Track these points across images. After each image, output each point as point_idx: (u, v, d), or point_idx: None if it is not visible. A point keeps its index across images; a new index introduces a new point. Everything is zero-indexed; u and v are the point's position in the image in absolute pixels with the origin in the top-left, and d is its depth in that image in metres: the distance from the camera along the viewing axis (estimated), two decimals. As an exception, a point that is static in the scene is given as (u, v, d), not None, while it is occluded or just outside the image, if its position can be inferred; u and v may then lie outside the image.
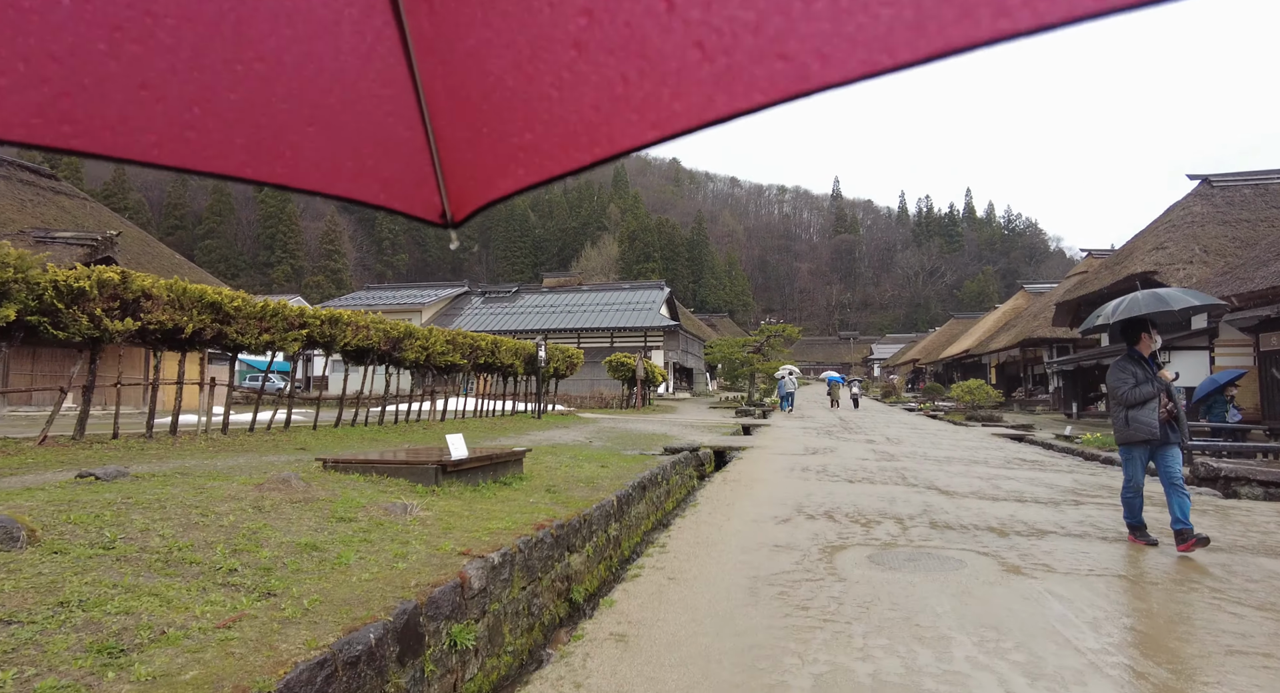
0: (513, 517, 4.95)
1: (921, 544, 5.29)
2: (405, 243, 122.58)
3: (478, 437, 12.30)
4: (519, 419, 16.94)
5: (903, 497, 7.69)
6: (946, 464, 11.16)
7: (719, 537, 5.62)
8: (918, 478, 9.32)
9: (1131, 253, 22.60)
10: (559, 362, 19.43)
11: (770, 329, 34.82)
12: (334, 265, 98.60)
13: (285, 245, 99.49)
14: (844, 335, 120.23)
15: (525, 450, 7.15)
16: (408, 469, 5.76)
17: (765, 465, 10.69)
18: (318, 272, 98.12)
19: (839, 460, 11.35)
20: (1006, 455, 12.99)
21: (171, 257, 29.88)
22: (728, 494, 7.84)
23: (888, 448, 13.72)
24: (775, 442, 14.94)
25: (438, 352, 13.19)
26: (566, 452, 9.60)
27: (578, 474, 7.46)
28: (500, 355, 15.90)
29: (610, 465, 8.40)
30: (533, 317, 38.34)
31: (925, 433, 18.62)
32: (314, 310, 10.35)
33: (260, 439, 9.31)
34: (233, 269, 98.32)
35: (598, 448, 11.39)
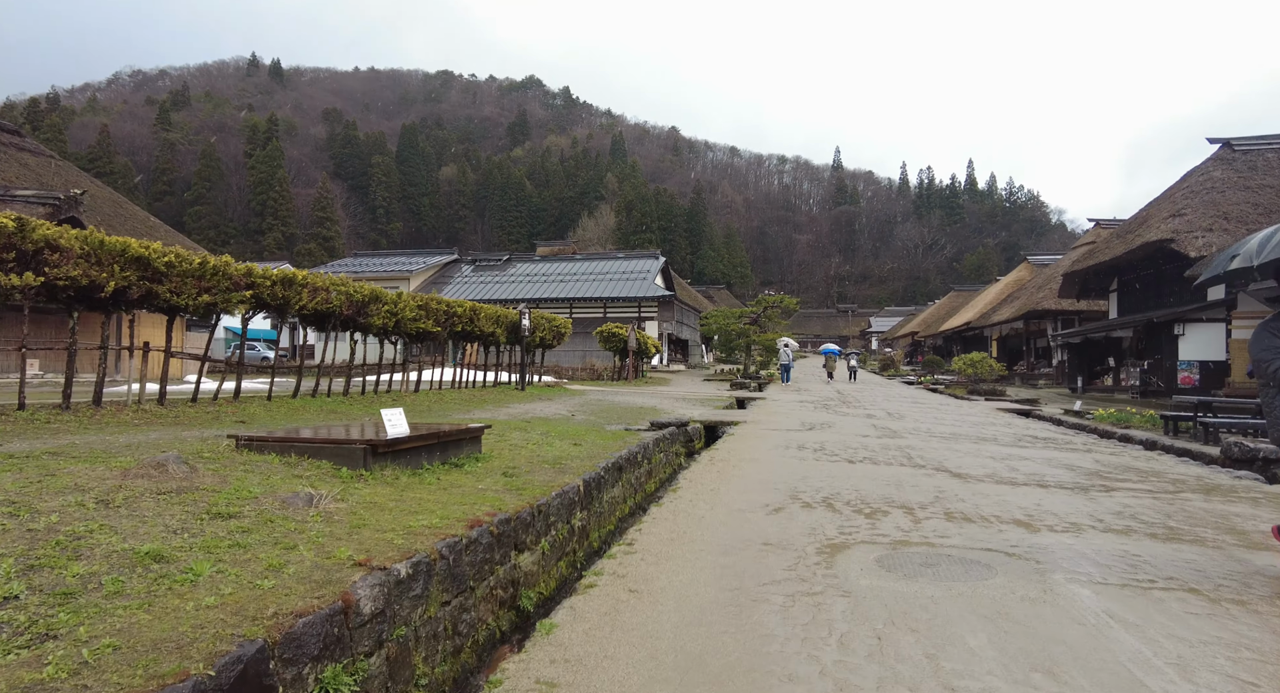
0: (449, 509, 4.09)
1: (938, 543, 4.46)
2: (400, 211, 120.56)
3: (451, 410, 11.44)
4: (501, 391, 16.08)
5: (910, 480, 6.86)
6: (954, 442, 10.34)
7: (698, 531, 4.78)
8: (924, 458, 8.50)
9: (1145, 220, 21.61)
10: (545, 331, 18.52)
11: (768, 300, 33.87)
12: (326, 233, 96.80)
13: (276, 212, 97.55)
14: (842, 308, 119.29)
15: (483, 427, 6.28)
16: (333, 449, 4.88)
17: (758, 442, 9.86)
18: (310, 239, 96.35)
19: (838, 437, 10.53)
20: (1016, 432, 12.19)
21: (147, 220, 28.72)
22: (714, 476, 7.00)
23: (889, 423, 12.90)
24: (770, 416, 14.13)
25: (408, 318, 12.26)
26: (540, 427, 8.74)
27: (545, 454, 6.61)
28: (480, 323, 14.98)
29: (585, 443, 7.55)
30: (524, 286, 37.32)
31: (927, 407, 17.83)
32: (263, 270, 9.39)
33: (201, 412, 8.43)
34: (223, 236, 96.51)
35: (579, 422, 10.56)
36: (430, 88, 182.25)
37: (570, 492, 5.21)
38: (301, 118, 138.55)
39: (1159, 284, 21.80)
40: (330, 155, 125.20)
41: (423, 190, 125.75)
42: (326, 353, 16.21)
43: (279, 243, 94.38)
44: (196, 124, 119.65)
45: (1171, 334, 19.13)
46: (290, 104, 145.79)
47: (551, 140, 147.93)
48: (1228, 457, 8.69)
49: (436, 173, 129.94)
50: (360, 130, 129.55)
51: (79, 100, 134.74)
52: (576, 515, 5.28)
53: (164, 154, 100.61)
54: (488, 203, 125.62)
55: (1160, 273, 21.69)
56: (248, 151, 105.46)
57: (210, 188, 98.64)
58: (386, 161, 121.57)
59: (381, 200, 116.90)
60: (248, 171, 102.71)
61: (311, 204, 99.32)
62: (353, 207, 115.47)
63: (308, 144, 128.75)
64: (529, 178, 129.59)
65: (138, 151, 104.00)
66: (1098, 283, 26.11)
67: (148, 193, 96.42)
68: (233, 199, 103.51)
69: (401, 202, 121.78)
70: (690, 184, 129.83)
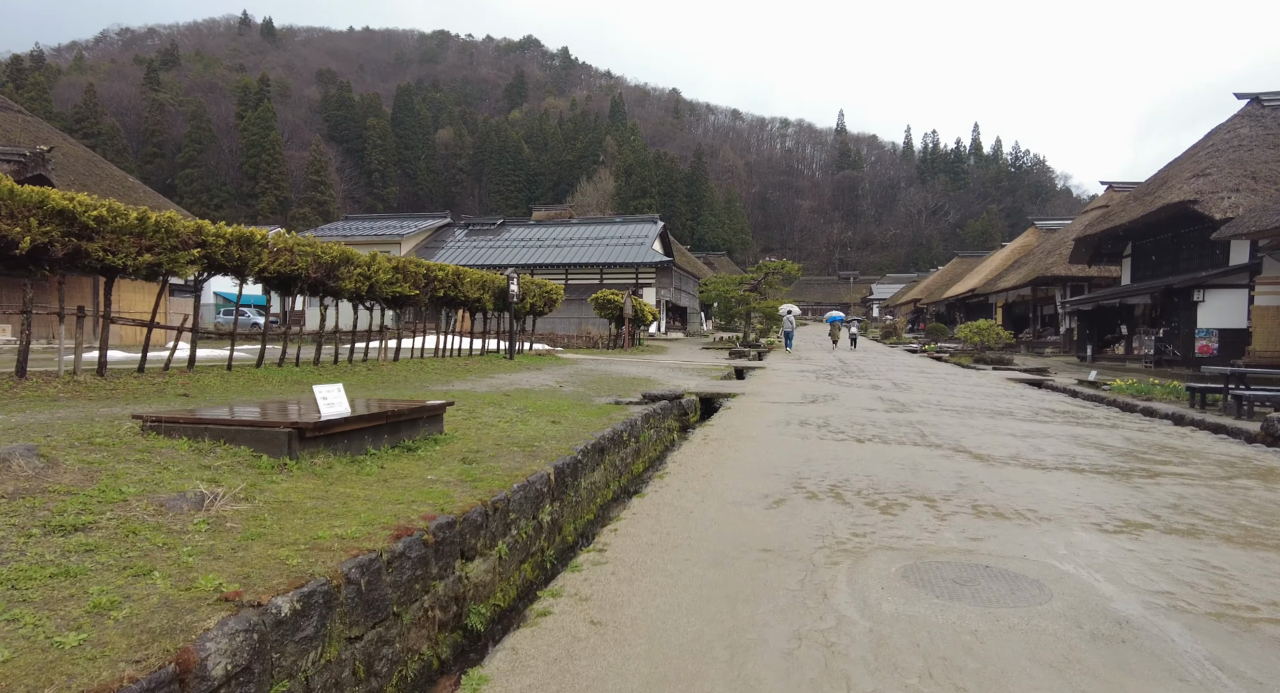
0: (379, 510, 3.36)
1: (971, 548, 3.72)
2: (396, 175, 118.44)
3: (429, 381, 10.70)
4: (488, 360, 15.33)
5: (927, 463, 6.13)
6: (968, 416, 9.61)
7: (685, 531, 4.04)
8: (939, 435, 7.76)
9: (1166, 181, 20.59)
10: (535, 297, 17.69)
11: (769, 266, 32.90)
12: (320, 197, 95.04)
13: (269, 176, 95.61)
14: (843, 275, 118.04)
15: (444, 404, 5.51)
16: (253, 433, 4.12)
17: (757, 417, 9.12)
18: (304, 203, 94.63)
19: (842, 411, 9.79)
20: (1031, 405, 11.45)
21: (124, 179, 27.62)
22: (707, 458, 6.26)
23: (896, 395, 12.17)
24: (770, 387, 13.39)
25: (382, 281, 11.42)
26: (519, 401, 7.99)
27: (517, 434, 5.86)
28: (464, 288, 14.14)
29: (566, 420, 6.80)
30: (518, 251, 36.31)
31: (934, 377, 17.09)
32: (216, 227, 8.53)
33: (146, 384, 7.67)
34: (215, 200, 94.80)
35: (566, 395, 9.82)
36: (426, 48, 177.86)
37: (538, 482, 4.47)
38: (295, 79, 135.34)
39: (1177, 248, 20.88)
40: (324, 118, 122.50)
41: (419, 154, 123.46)
42: (317, 319, 15.37)
43: (272, 207, 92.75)
44: (186, 84, 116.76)
45: (1190, 301, 18.30)
46: (283, 64, 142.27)
47: (550, 102, 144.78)
48: (1270, 434, 7.95)
49: (433, 136, 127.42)
50: (355, 92, 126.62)
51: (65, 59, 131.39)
52: (546, 509, 4.55)
53: (153, 115, 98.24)
54: (485, 167, 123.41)
55: (1178, 237, 20.75)
56: (239, 113, 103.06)
57: (201, 150, 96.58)
58: (382, 124, 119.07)
59: (377, 164, 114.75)
60: (239, 134, 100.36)
61: (305, 168, 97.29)
62: (347, 170, 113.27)
63: (301, 106, 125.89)
64: (527, 141, 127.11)
65: (126, 112, 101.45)
66: (1111, 248, 25.16)
67: (137, 155, 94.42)
68: (224, 162, 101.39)
69: (397, 165, 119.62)
70: (691, 148, 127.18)
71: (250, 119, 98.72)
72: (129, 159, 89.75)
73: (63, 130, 78.62)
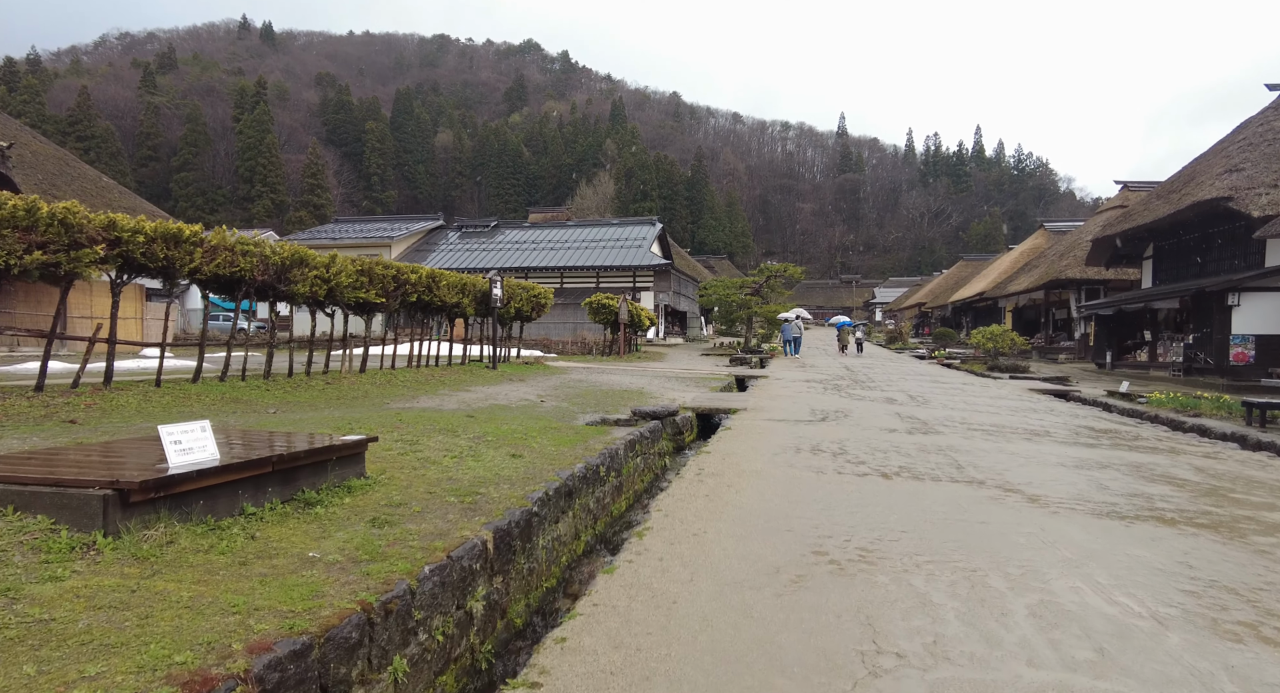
0: (196, 628, 2.17)
1: (1101, 687, 2.51)
2: (395, 179, 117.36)
3: (391, 397, 9.51)
4: (468, 370, 14.14)
5: (976, 510, 4.93)
6: (1002, 439, 8.41)
7: (663, 642, 2.83)
8: (978, 467, 6.56)
9: (1193, 177, 19.40)
10: (522, 302, 16.50)
11: (770, 269, 31.68)
12: (317, 200, 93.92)
13: (265, 179, 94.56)
14: (845, 279, 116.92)
15: (363, 441, 4.31)
16: (54, 496, 2.93)
17: (761, 441, 7.93)
18: (300, 207, 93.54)
19: (859, 433, 8.59)
20: (1066, 422, 10.25)
21: (98, 179, 26.50)
22: (701, 504, 5.06)
23: (915, 411, 10.96)
24: (774, 401, 12.19)
25: (344, 285, 10.24)
26: (481, 425, 6.80)
27: (463, 474, 4.67)
28: (440, 292, 12.96)
29: (531, 451, 5.61)
30: (512, 254, 35.17)
31: (950, 388, 15.88)
32: (135, 222, 7.36)
33: (38, 406, 6.50)
34: (211, 203, 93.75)
35: (544, 412, 8.64)
36: (426, 52, 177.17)
37: (467, 556, 3.28)
38: (293, 83, 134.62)
39: (1205, 249, 19.68)
40: (323, 121, 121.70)
41: (418, 157, 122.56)
42: (304, 325, 14.48)
43: (268, 211, 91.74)
44: (183, 87, 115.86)
45: (1224, 304, 17.09)
46: (282, 68, 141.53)
47: (550, 106, 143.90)
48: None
49: (432, 139, 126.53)
50: (354, 96, 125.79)
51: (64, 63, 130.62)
52: (479, 591, 3.35)
53: (148, 118, 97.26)
54: (484, 170, 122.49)
55: (1207, 236, 19.56)
56: (236, 116, 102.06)
57: (197, 154, 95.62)
58: (381, 127, 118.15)
59: (375, 167, 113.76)
60: (236, 137, 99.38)
61: (302, 171, 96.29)
62: (345, 174, 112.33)
63: (300, 110, 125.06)
64: (526, 144, 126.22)
65: (122, 115, 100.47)
66: (1131, 249, 23.97)
67: (132, 159, 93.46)
68: (220, 166, 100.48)
69: (396, 169, 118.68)
70: (692, 151, 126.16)
71: (246, 122, 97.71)
72: (123, 162, 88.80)
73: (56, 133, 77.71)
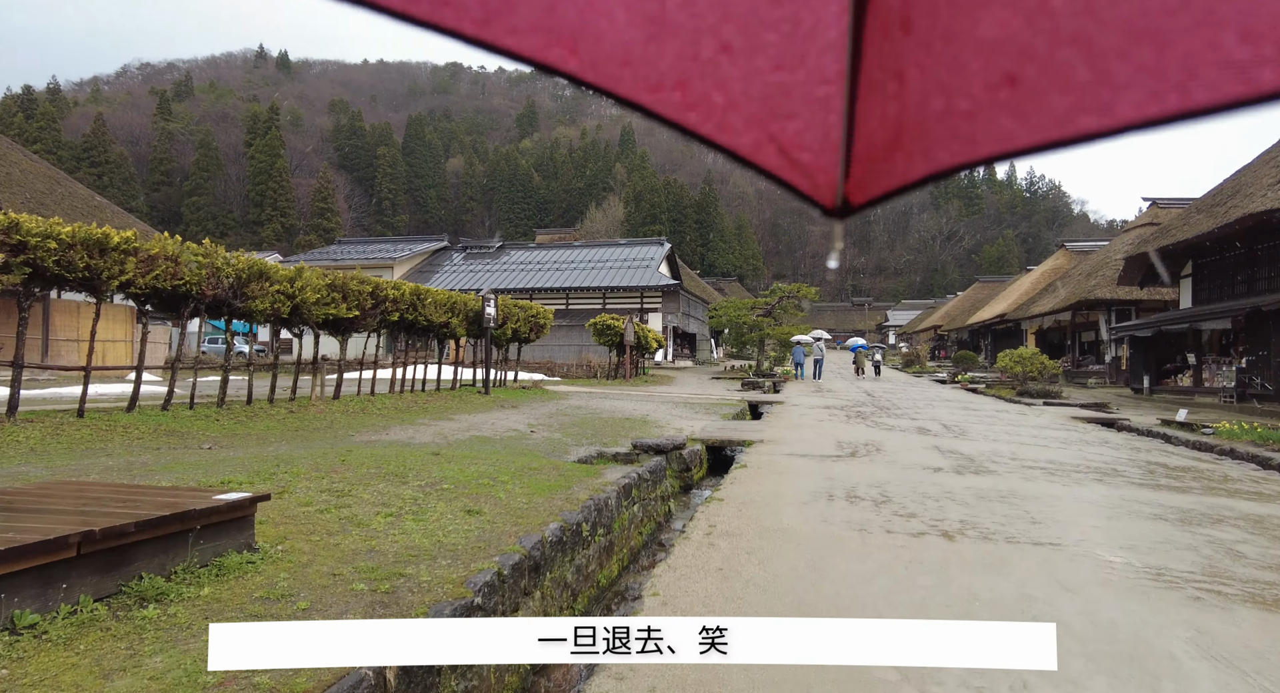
0: None
1: None
2: (406, 203, 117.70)
3: (360, 428, 8.36)
4: (458, 396, 12.99)
5: (1090, 596, 3.68)
6: (1068, 480, 7.12)
7: None
8: (1057, 520, 5.29)
9: (1239, 189, 18.15)
10: (519, 322, 15.38)
11: (783, 290, 30.52)
12: (326, 224, 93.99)
13: (275, 203, 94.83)
14: (857, 301, 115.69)
15: (246, 500, 3.14)
16: None
17: (783, 484, 6.68)
18: (309, 230, 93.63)
19: (899, 474, 7.33)
20: (1133, 458, 8.93)
21: (90, 198, 25.78)
22: (708, 589, 3.81)
23: (956, 444, 9.67)
24: (793, 431, 10.94)
25: (311, 302, 9.15)
26: (444, 465, 5.61)
27: (390, 544, 3.48)
28: (426, 311, 11.86)
29: (494, 505, 4.41)
30: (517, 274, 34.23)
31: (984, 416, 14.55)
32: (45, 226, 6.30)
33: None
34: (221, 228, 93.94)
35: (531, 445, 7.46)
36: (439, 80, 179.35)
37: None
38: (307, 109, 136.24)
39: (1252, 266, 18.37)
40: (335, 147, 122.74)
41: (429, 182, 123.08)
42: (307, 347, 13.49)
43: (277, 235, 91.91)
44: (199, 114, 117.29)
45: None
46: (296, 95, 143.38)
47: (560, 132, 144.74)
48: None
49: (444, 164, 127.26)
50: (367, 122, 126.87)
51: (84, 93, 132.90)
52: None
53: (162, 144, 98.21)
54: (495, 195, 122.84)
55: (1254, 253, 18.27)
56: (247, 141, 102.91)
57: (209, 178, 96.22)
58: (392, 153, 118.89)
59: (387, 192, 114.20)
60: (247, 161, 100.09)
61: (312, 195, 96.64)
62: (356, 199, 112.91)
63: (313, 136, 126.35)
64: (537, 169, 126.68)
65: (137, 142, 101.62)
66: (1167, 267, 22.65)
67: (145, 184, 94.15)
68: (232, 190, 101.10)
69: (407, 193, 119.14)
70: (701, 175, 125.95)
71: (258, 146, 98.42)
72: (136, 187, 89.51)
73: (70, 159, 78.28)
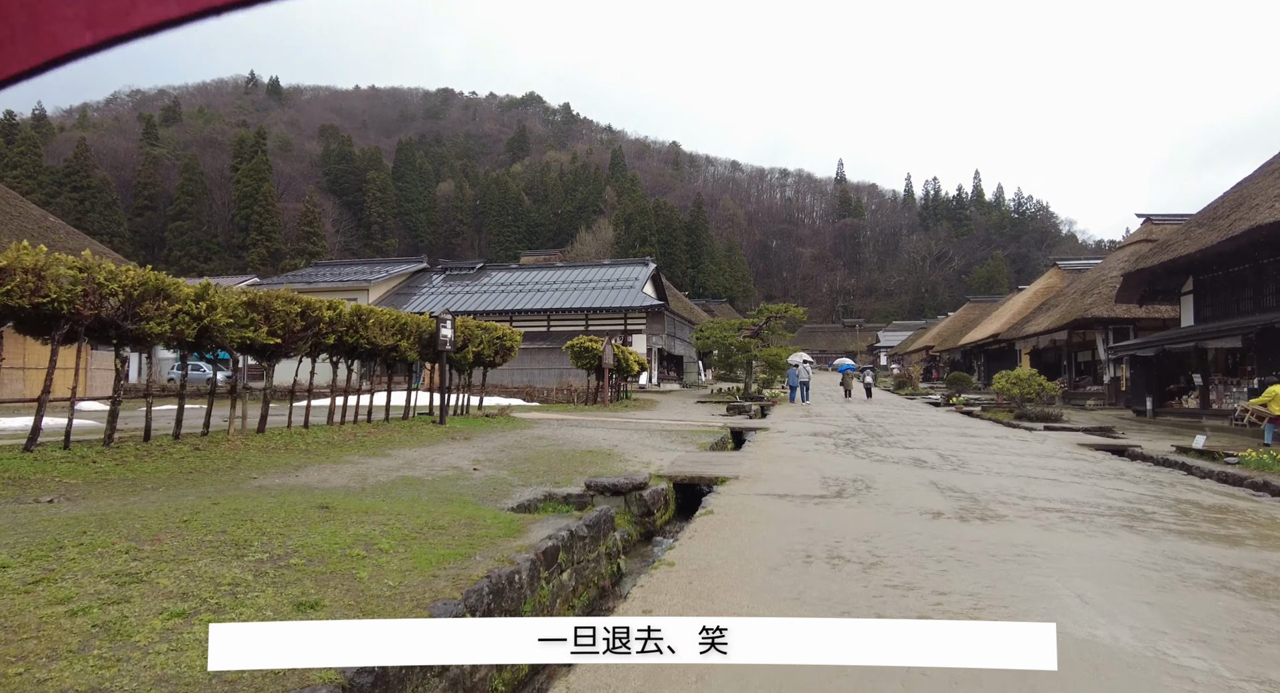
0: None
1: None
2: (396, 227, 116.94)
3: (270, 468, 7.20)
4: (407, 427, 11.82)
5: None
6: (1092, 526, 6.03)
7: None
8: (1095, 596, 4.19)
9: (1241, 202, 17.35)
10: (482, 345, 14.25)
11: (770, 310, 29.53)
12: (312, 248, 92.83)
13: (261, 227, 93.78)
14: (848, 322, 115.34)
15: None
16: None
17: (753, 540, 5.56)
18: (296, 255, 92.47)
19: (893, 522, 6.22)
20: (1158, 495, 7.85)
21: (43, 219, 24.63)
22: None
23: (956, 480, 8.57)
24: (775, 464, 9.82)
25: (221, 323, 8.02)
26: (318, 529, 4.46)
27: (137, 675, 2.35)
28: (370, 332, 10.73)
29: (345, 593, 3.27)
30: (498, 296, 33.19)
31: (983, 443, 13.46)
32: None
33: None
34: (205, 252, 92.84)
35: (466, 487, 6.33)
36: (430, 105, 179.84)
37: None
38: (297, 135, 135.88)
39: (1259, 282, 17.51)
40: (324, 172, 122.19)
41: (419, 206, 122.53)
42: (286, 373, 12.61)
43: (263, 259, 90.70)
44: (186, 139, 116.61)
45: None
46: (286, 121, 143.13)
47: (551, 156, 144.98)
48: None
49: (434, 189, 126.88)
50: (357, 147, 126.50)
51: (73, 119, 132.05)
52: None
53: (146, 169, 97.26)
54: (485, 218, 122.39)
55: (1260, 268, 17.43)
56: (234, 165, 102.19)
57: (193, 203, 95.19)
58: (382, 177, 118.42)
59: (376, 216, 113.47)
60: (233, 186, 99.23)
61: (298, 219, 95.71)
62: (345, 223, 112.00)
63: (303, 161, 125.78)
64: (527, 193, 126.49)
65: (122, 167, 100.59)
66: (1167, 284, 21.83)
67: (129, 209, 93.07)
68: (217, 215, 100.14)
69: (397, 217, 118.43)
70: (691, 198, 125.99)
71: (244, 171, 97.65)
72: (119, 212, 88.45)
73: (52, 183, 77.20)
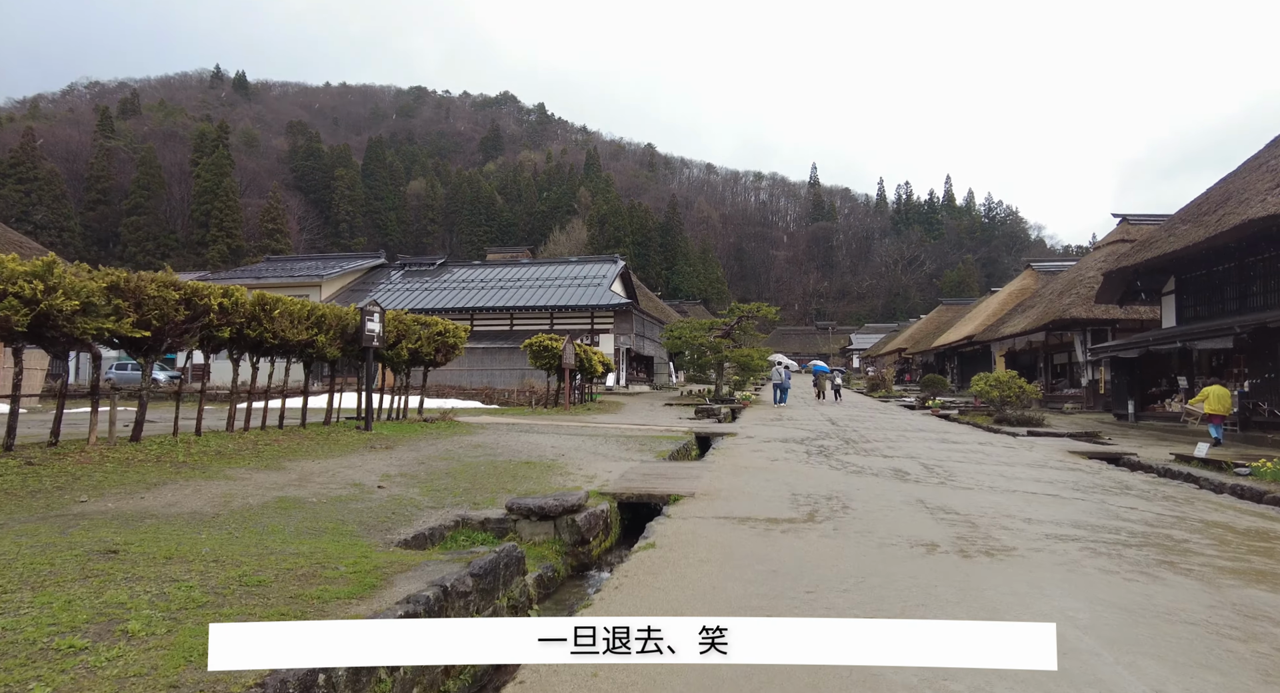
0: None
1: None
2: (365, 225, 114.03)
3: (121, 485, 5.78)
4: (327, 434, 10.40)
5: None
6: (1127, 567, 4.91)
7: None
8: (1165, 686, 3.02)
9: (1229, 197, 16.61)
10: (420, 342, 12.84)
11: (741, 309, 28.46)
12: (276, 245, 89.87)
13: (221, 223, 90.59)
14: (821, 325, 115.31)
15: None
16: None
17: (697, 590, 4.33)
18: (258, 252, 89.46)
19: (873, 558, 5.03)
20: (1187, 518, 6.78)
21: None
22: None
23: (945, 497, 7.43)
24: (738, 476, 8.61)
25: (67, 310, 6.57)
26: (96, 577, 3.11)
27: None
28: (278, 325, 9.31)
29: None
30: (458, 293, 31.68)
31: (967, 450, 12.41)
32: None
33: None
34: (163, 249, 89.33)
35: (363, 509, 5.00)
36: (403, 103, 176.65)
37: None
38: (265, 131, 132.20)
39: (1244, 280, 16.80)
40: (291, 168, 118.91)
41: (389, 205, 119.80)
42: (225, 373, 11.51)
43: (223, 256, 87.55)
44: (144, 132, 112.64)
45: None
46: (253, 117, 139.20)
47: (525, 156, 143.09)
48: None
49: (405, 187, 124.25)
50: (326, 144, 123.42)
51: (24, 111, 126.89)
52: None
53: (100, 161, 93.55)
54: (457, 217, 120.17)
55: (1245, 266, 16.71)
56: (194, 160, 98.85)
57: (150, 197, 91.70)
58: (351, 174, 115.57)
59: (344, 214, 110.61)
60: (193, 180, 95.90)
61: (261, 215, 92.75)
62: (311, 221, 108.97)
63: (269, 157, 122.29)
64: (500, 192, 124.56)
65: (74, 159, 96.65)
66: (1148, 283, 21.15)
67: (80, 202, 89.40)
68: (176, 210, 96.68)
69: (366, 216, 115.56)
70: (665, 200, 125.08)
71: (204, 165, 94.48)
72: (68, 206, 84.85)
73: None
